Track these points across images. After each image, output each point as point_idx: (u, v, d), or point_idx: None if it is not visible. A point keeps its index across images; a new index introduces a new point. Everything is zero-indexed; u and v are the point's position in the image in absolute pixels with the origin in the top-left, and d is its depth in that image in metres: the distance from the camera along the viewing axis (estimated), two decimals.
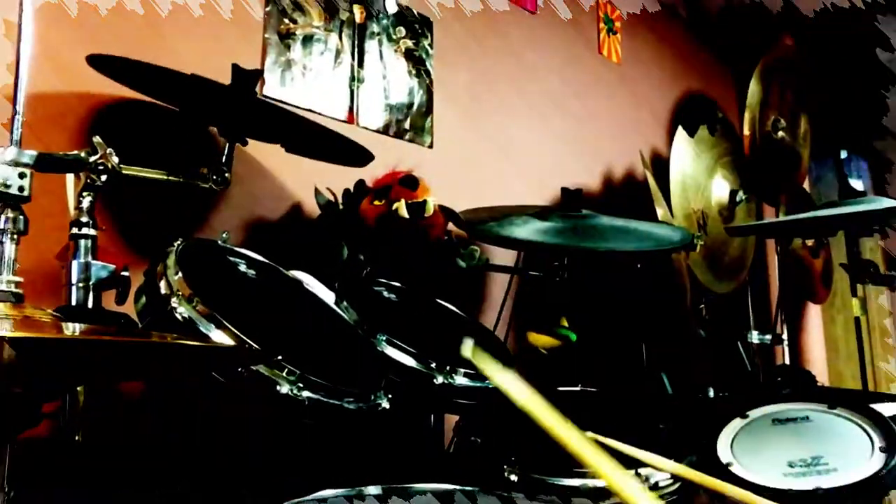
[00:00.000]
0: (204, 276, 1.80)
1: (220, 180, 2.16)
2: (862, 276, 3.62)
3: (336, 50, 3.02)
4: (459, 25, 3.61)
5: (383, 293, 2.51)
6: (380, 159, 2.59)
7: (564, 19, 4.27)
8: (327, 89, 2.97)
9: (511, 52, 3.90)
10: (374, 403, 1.83)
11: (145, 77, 2.21)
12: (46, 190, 1.64)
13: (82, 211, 1.72)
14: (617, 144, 4.49)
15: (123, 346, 1.21)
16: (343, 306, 2.16)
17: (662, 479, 1.92)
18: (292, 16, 2.88)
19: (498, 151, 3.72)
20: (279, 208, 2.79)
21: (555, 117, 4.10)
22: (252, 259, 2.09)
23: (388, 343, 2.07)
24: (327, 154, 2.61)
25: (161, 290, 1.69)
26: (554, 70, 4.16)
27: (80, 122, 2.31)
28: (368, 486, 1.60)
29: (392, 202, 2.58)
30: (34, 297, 1.45)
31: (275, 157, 2.61)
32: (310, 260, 2.34)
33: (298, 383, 1.64)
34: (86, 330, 1.38)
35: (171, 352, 1.31)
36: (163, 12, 2.54)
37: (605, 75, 4.54)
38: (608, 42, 4.57)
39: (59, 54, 2.22)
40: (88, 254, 1.71)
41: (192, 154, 2.38)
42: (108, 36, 2.37)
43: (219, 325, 1.62)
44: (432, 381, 2.09)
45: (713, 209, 4.30)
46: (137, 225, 2.38)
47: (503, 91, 3.82)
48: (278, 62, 2.82)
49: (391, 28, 3.26)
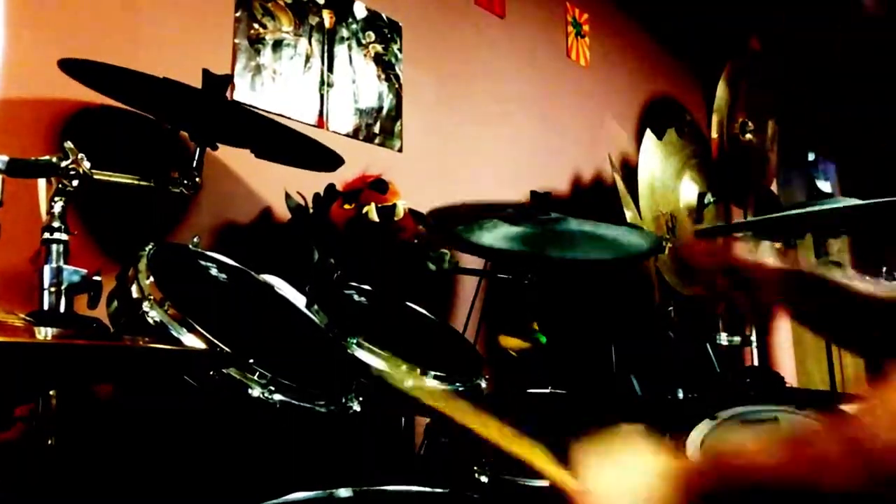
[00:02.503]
0: (175, 280, 1.81)
1: (190, 185, 2.16)
2: None
3: (306, 55, 3.03)
4: (428, 30, 3.62)
5: (354, 296, 2.52)
6: (350, 163, 2.60)
7: (533, 23, 4.30)
8: (297, 94, 2.99)
9: (480, 57, 3.92)
10: (346, 406, 1.84)
11: (117, 81, 2.21)
12: (18, 195, 1.65)
13: (54, 216, 1.71)
14: (586, 147, 4.52)
15: (96, 350, 1.22)
16: (314, 310, 2.17)
17: None
18: (262, 21, 2.88)
19: (467, 155, 3.74)
20: (250, 212, 2.80)
21: (524, 120, 4.13)
22: (223, 263, 2.09)
23: (358, 346, 2.08)
24: (297, 158, 2.62)
25: (133, 295, 1.69)
26: (523, 73, 4.18)
27: (51, 127, 2.31)
28: (340, 488, 1.62)
29: (362, 206, 2.60)
30: (6, 302, 1.45)
31: (245, 161, 2.62)
32: (280, 264, 2.35)
33: (270, 386, 1.65)
34: (58, 334, 1.38)
35: (143, 356, 1.31)
36: (134, 17, 2.55)
37: (574, 78, 4.57)
38: (577, 45, 4.60)
39: (31, 59, 2.22)
40: (60, 258, 1.71)
41: (162, 159, 2.38)
42: (79, 41, 2.38)
43: (190, 329, 1.63)
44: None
45: (682, 211, 4.33)
46: (109, 229, 2.38)
47: (472, 95, 3.84)
48: (248, 67, 2.83)
49: (360, 33, 3.27)
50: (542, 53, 4.34)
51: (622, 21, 5.07)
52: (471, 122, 3.79)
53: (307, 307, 2.17)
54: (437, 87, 3.65)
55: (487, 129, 3.88)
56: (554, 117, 4.34)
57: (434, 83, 3.63)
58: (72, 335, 1.42)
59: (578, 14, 4.64)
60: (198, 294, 1.91)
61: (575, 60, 4.59)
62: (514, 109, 4.09)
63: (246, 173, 2.78)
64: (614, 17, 5.00)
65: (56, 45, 2.27)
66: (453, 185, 3.51)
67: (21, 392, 1.34)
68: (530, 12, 4.29)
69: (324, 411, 1.78)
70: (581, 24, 4.65)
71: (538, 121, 4.22)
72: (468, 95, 3.82)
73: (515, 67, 4.14)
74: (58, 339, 1.28)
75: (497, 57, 4.03)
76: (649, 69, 5.27)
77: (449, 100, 3.70)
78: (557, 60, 4.48)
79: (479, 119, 3.85)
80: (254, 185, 2.81)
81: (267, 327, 2.04)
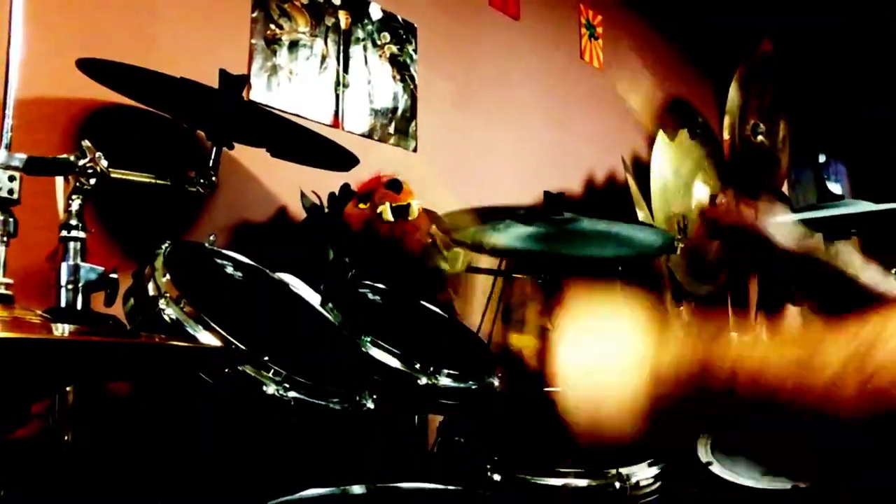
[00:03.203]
0: (191, 278, 1.82)
1: (207, 184, 2.17)
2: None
3: (322, 55, 3.04)
4: (443, 31, 3.63)
5: (368, 295, 2.53)
6: (365, 163, 2.61)
7: (547, 25, 4.30)
8: (313, 94, 3.00)
9: (494, 58, 3.92)
10: (359, 404, 1.85)
11: (134, 81, 2.22)
12: (36, 193, 1.66)
13: (71, 214, 1.72)
14: (599, 148, 4.52)
15: (112, 347, 1.22)
16: (328, 308, 2.18)
17: (643, 479, 1.94)
18: (279, 21, 2.90)
19: (481, 155, 3.74)
20: (265, 211, 2.81)
21: (537, 121, 4.13)
22: (239, 261, 2.10)
23: (372, 344, 2.09)
24: (313, 158, 2.63)
25: (149, 292, 1.70)
26: (536, 75, 4.19)
27: (69, 126, 2.32)
28: (353, 485, 1.63)
29: (377, 205, 2.61)
30: (24, 299, 1.46)
31: (261, 161, 2.63)
32: (295, 262, 2.35)
33: (284, 384, 1.65)
34: (74, 331, 1.39)
35: (159, 353, 1.32)
36: (152, 18, 2.57)
37: (587, 80, 4.57)
38: (590, 47, 4.60)
39: (49, 58, 2.24)
40: (77, 256, 1.72)
41: (179, 158, 2.40)
42: (97, 41, 2.39)
43: (206, 327, 1.64)
44: (416, 381, 2.11)
45: (693, 212, 4.34)
46: (126, 228, 2.39)
47: (486, 96, 3.85)
48: (265, 67, 2.84)
49: (376, 34, 3.28)
50: (556, 55, 4.35)
51: (635, 23, 5.08)
52: (485, 122, 3.80)
53: (322, 305, 2.18)
54: (452, 88, 3.65)
55: (501, 129, 3.89)
56: (567, 118, 4.35)
57: (449, 84, 3.64)
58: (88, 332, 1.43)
59: (592, 16, 4.64)
60: (213, 292, 1.92)
61: (588, 62, 4.59)
62: (528, 110, 4.09)
63: (262, 173, 2.79)
64: (628, 19, 5.01)
65: (75, 44, 2.29)
66: (467, 186, 3.52)
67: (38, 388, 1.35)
68: (545, 14, 4.29)
69: (338, 409, 1.78)
70: (595, 27, 4.65)
71: (552, 122, 4.23)
72: (482, 96, 3.83)
73: (529, 69, 4.15)
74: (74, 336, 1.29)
75: (511, 58, 4.03)
76: (662, 71, 5.27)
77: (463, 100, 3.71)
78: (571, 62, 4.49)
79: (494, 119, 3.85)
80: (269, 184, 2.82)
81: (282, 325, 2.05)
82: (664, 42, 5.32)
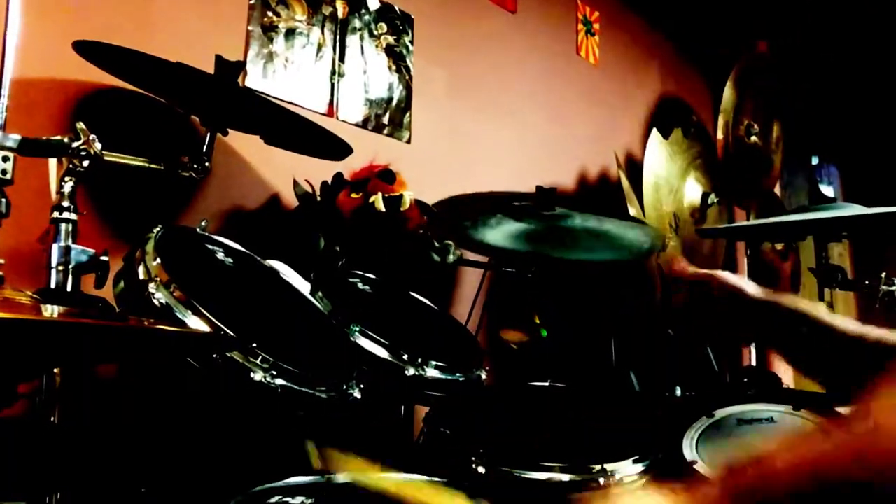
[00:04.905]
0: (182, 262, 1.82)
1: (200, 169, 2.17)
2: (829, 280, 3.66)
3: (318, 44, 3.04)
4: (440, 23, 3.63)
5: (358, 284, 2.53)
6: (358, 153, 2.61)
7: (544, 19, 4.30)
8: (308, 82, 3.00)
9: (490, 51, 3.92)
10: (346, 393, 1.85)
11: (130, 64, 2.22)
12: (29, 174, 1.66)
13: (64, 195, 1.72)
14: (592, 144, 4.52)
15: (101, 329, 1.23)
16: (318, 296, 2.19)
17: (627, 476, 1.95)
18: (276, 9, 2.90)
19: (475, 148, 3.75)
20: (258, 198, 2.81)
21: (532, 116, 4.13)
22: (230, 247, 2.11)
23: (361, 334, 2.09)
24: (306, 146, 2.63)
25: (139, 276, 1.71)
26: (532, 69, 4.19)
27: (63, 108, 2.32)
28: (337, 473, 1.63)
29: (369, 195, 2.61)
30: (15, 280, 1.46)
31: (255, 147, 2.63)
32: (286, 250, 2.36)
33: (272, 371, 1.66)
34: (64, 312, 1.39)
35: (148, 336, 1.32)
36: (150, 2, 2.57)
37: (583, 76, 4.58)
38: (587, 43, 4.60)
39: (44, 40, 2.23)
40: (69, 238, 1.72)
41: (173, 142, 2.40)
42: (94, 23, 2.39)
43: (195, 312, 1.65)
44: (403, 372, 2.12)
45: (685, 211, 4.35)
46: (118, 211, 2.40)
47: (482, 88, 3.85)
48: (261, 54, 2.84)
49: (373, 24, 3.28)
50: (552, 50, 4.35)
51: (632, 21, 5.08)
52: (479, 115, 3.80)
53: (311, 294, 2.19)
54: (447, 80, 3.66)
55: (496, 122, 3.89)
56: (562, 114, 4.35)
57: (444, 76, 3.64)
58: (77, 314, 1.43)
59: (589, 12, 4.64)
60: (204, 277, 1.93)
61: (585, 58, 4.59)
62: (523, 104, 4.09)
63: (255, 159, 2.79)
64: (625, 16, 5.00)
65: (71, 27, 2.29)
66: (460, 178, 3.52)
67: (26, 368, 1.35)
68: (542, 9, 4.29)
69: (324, 397, 1.79)
70: (591, 23, 4.65)
71: (546, 116, 4.23)
72: (478, 89, 3.83)
73: (525, 63, 4.15)
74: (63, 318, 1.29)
75: (507, 52, 4.03)
76: (658, 69, 5.28)
77: (458, 93, 3.71)
78: (567, 57, 4.49)
79: (488, 113, 3.85)
80: (262, 171, 2.82)
81: (271, 312, 2.06)
82: (661, 40, 5.32)
